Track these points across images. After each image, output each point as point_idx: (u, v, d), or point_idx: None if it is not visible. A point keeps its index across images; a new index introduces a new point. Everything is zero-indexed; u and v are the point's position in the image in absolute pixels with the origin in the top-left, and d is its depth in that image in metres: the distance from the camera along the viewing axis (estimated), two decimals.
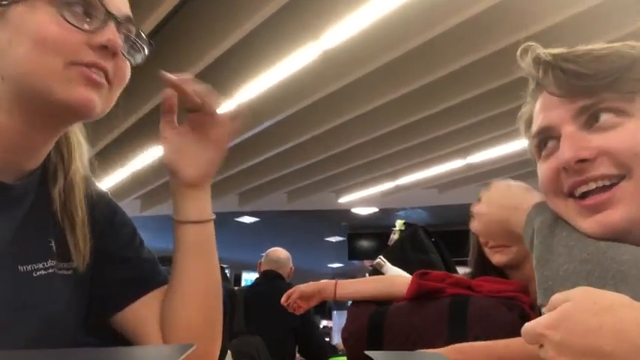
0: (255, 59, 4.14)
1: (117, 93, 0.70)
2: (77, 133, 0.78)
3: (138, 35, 0.71)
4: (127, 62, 0.70)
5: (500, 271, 1.50)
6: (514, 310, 1.25)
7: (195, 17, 3.83)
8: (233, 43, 3.77)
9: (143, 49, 0.73)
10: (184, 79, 0.75)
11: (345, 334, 1.51)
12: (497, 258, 1.44)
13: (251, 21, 3.49)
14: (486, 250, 1.48)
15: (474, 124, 5.64)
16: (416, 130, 5.84)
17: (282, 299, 1.69)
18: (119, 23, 0.66)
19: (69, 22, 0.61)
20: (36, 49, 0.61)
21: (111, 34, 0.64)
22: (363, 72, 4.24)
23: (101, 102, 0.66)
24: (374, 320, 1.42)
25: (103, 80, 0.65)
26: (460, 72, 4.36)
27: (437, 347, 1.11)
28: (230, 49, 3.86)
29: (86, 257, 0.72)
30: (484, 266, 1.51)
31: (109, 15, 0.64)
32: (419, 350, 1.15)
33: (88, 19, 0.64)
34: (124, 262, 0.79)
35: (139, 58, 0.73)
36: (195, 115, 0.78)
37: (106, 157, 5.28)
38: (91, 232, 0.76)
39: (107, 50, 0.64)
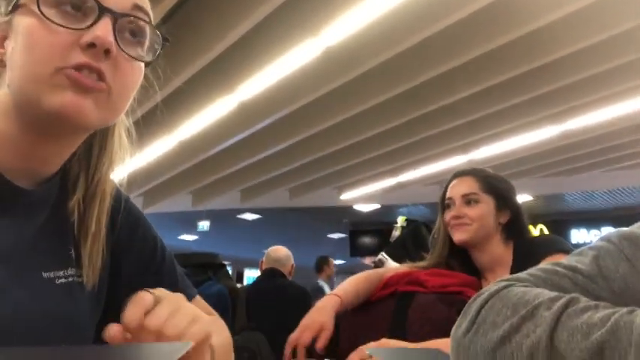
0: (256, 56, 4.14)
1: (123, 98, 0.63)
2: (121, 137, 0.73)
3: (149, 29, 0.65)
4: (133, 62, 0.63)
5: (463, 253, 1.49)
6: (454, 306, 1.25)
7: (195, 15, 3.83)
8: (234, 41, 3.77)
9: (154, 44, 0.65)
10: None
11: None
12: (457, 236, 1.45)
13: (251, 18, 3.49)
14: (450, 230, 1.49)
15: (475, 120, 5.63)
16: (417, 127, 5.83)
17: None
18: (117, 18, 0.60)
19: (56, 24, 0.57)
20: (27, 56, 0.58)
21: (100, 30, 0.58)
22: (364, 69, 4.24)
23: (97, 108, 0.59)
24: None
25: (97, 83, 0.59)
26: (461, 68, 4.35)
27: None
28: (231, 47, 3.86)
29: (96, 273, 0.69)
30: (451, 247, 1.50)
31: (103, 9, 0.59)
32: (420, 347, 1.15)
33: (79, 17, 0.59)
34: (146, 280, 0.73)
35: (149, 56, 0.65)
36: None
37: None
38: (110, 247, 0.72)
39: (97, 49, 0.58)
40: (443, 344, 1.07)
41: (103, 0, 0.59)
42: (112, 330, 0.50)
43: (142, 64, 0.65)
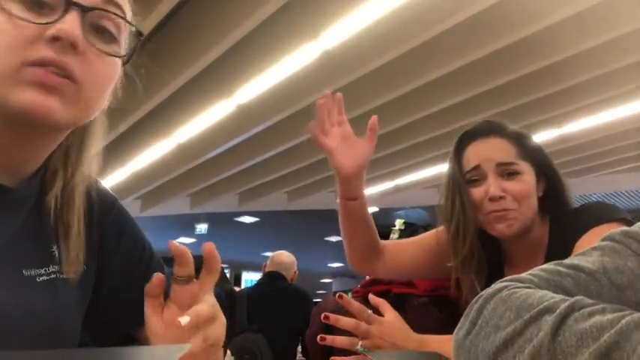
0: (255, 59, 4.14)
1: (95, 94, 0.61)
2: (97, 131, 0.72)
3: (124, 25, 0.63)
4: (105, 57, 0.61)
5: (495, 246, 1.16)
6: (446, 311, 1.23)
7: (194, 17, 3.83)
8: (232, 44, 3.77)
9: (131, 40, 0.64)
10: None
11: (307, 336, 1.49)
12: (500, 229, 1.06)
13: (250, 21, 3.49)
14: (486, 219, 1.09)
15: (472, 124, 5.63)
16: (415, 130, 5.84)
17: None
18: (85, 12, 0.57)
19: (19, 18, 0.55)
20: None
21: (66, 24, 0.56)
22: (362, 72, 4.25)
23: (64, 106, 0.57)
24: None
25: (63, 80, 0.57)
26: (459, 71, 4.36)
27: None
28: (229, 50, 3.86)
29: (78, 267, 0.68)
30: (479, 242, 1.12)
31: (70, 3, 0.57)
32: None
33: (46, 12, 0.57)
34: (133, 281, 0.74)
35: (125, 51, 0.64)
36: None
37: (105, 157, 5.28)
38: (97, 244, 0.73)
39: (62, 42, 0.56)
40: (444, 341, 1.06)
41: None
42: (158, 278, 0.63)
43: (118, 60, 0.64)
